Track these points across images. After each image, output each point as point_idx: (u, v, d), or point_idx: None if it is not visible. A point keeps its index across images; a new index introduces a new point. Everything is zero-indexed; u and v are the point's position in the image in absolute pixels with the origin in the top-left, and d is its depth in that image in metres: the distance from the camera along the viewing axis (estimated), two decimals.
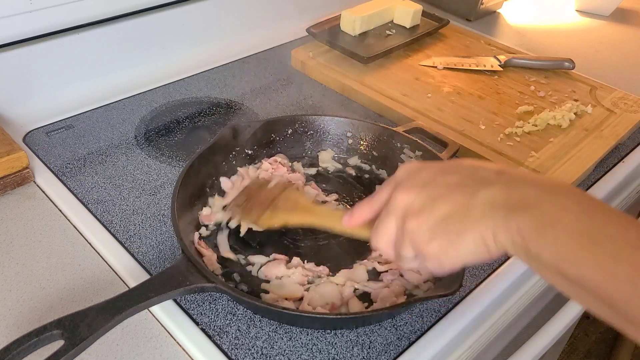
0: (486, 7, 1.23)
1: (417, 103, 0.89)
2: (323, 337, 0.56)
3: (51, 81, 0.85)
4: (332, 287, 0.59)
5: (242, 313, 0.57)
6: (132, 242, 0.64)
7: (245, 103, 0.90)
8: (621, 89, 0.96)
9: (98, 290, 0.59)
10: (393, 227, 0.46)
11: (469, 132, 0.83)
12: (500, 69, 0.99)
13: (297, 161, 0.76)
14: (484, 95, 0.92)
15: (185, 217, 0.63)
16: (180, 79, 0.95)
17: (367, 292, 0.59)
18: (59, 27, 0.83)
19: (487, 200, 0.41)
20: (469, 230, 0.41)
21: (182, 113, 0.87)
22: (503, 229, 0.39)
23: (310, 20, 1.08)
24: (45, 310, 0.56)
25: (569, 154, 0.80)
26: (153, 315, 0.57)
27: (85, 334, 0.47)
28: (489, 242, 0.40)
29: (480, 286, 0.63)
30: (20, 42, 0.80)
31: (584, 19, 1.29)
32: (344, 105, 0.92)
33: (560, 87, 0.96)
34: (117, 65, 0.91)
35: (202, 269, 0.54)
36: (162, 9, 0.93)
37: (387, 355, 0.54)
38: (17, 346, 0.45)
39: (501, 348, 0.76)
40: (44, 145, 0.78)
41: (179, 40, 0.98)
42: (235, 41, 1.05)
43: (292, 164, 0.75)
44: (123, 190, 0.71)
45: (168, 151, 0.79)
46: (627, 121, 0.87)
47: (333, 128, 0.77)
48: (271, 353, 0.54)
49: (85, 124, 0.83)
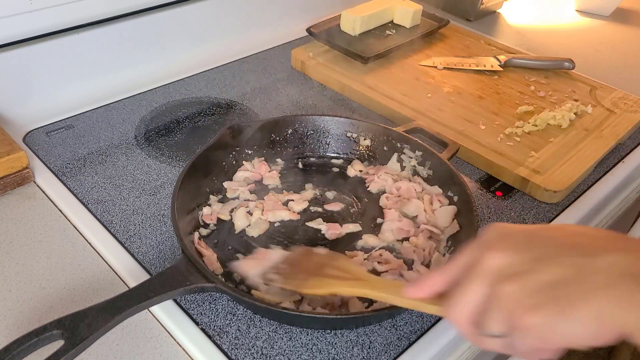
0: (486, 7, 1.23)
1: (417, 103, 0.89)
2: (323, 337, 0.56)
3: (51, 81, 0.85)
4: None
5: (242, 313, 0.57)
6: (132, 242, 0.64)
7: (245, 103, 0.90)
8: (621, 89, 0.96)
9: (98, 290, 0.59)
10: (479, 294, 0.37)
11: (469, 132, 0.83)
12: (500, 69, 0.99)
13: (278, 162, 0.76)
14: (484, 95, 0.92)
15: (185, 217, 0.63)
16: (180, 79, 0.95)
17: None
18: (59, 27, 0.83)
19: (612, 266, 0.33)
20: (588, 299, 0.33)
21: (182, 113, 0.87)
22: (631, 303, 0.32)
23: (310, 20, 1.08)
24: (45, 310, 0.56)
25: (569, 154, 0.80)
26: (153, 315, 0.57)
27: (85, 334, 0.47)
28: (604, 320, 0.33)
29: None
30: (20, 42, 0.80)
31: (584, 19, 1.29)
32: (344, 105, 0.92)
33: (560, 87, 0.96)
34: (117, 65, 0.91)
35: (202, 269, 0.54)
36: (162, 9, 0.93)
37: (387, 355, 0.54)
38: (17, 346, 0.45)
39: None
40: (44, 145, 0.78)
41: (179, 40, 0.98)
42: (235, 41, 1.05)
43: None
44: (123, 190, 0.71)
45: (168, 151, 0.79)
46: (627, 121, 0.87)
47: (333, 128, 0.77)
48: (271, 353, 0.54)
49: (85, 124, 0.83)
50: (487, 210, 0.73)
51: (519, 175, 0.75)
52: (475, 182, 0.77)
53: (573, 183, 0.75)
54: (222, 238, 0.65)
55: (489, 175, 0.78)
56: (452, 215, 0.67)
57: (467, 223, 0.63)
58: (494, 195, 0.75)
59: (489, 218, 0.71)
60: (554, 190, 0.73)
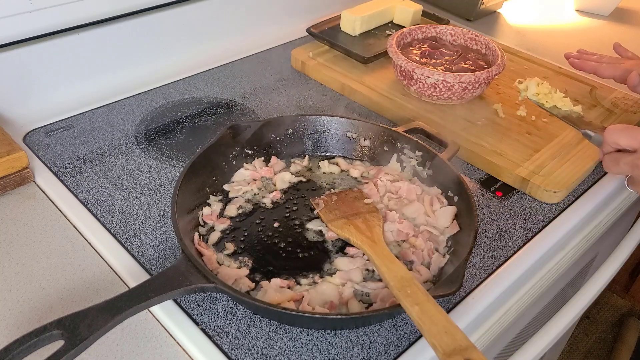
0: (486, 7, 1.23)
1: (417, 103, 0.89)
2: (323, 337, 0.56)
3: (51, 81, 0.85)
4: (331, 287, 0.59)
5: (242, 313, 0.57)
6: (132, 242, 0.64)
7: (245, 103, 0.90)
8: (621, 89, 0.96)
9: (98, 290, 0.59)
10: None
11: (469, 132, 0.83)
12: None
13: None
14: (484, 96, 0.92)
15: (185, 217, 0.63)
16: (180, 79, 0.95)
17: (366, 292, 0.59)
18: (59, 27, 0.83)
19: None
20: None
21: (182, 113, 0.87)
22: None
23: (310, 20, 1.08)
24: (45, 310, 0.56)
25: (569, 154, 0.80)
26: (153, 315, 0.57)
27: (85, 334, 0.47)
28: None
29: (480, 286, 0.63)
30: (20, 42, 0.80)
31: (583, 18, 1.29)
32: (344, 105, 0.92)
33: (560, 87, 0.95)
34: (117, 65, 0.91)
35: (202, 269, 0.54)
36: (162, 9, 0.93)
37: (387, 356, 0.54)
38: (17, 346, 0.45)
39: (501, 348, 0.76)
40: (44, 145, 0.78)
41: (179, 40, 0.98)
42: (235, 41, 1.05)
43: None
44: (123, 190, 0.71)
45: (168, 151, 0.79)
46: (627, 121, 0.87)
47: (333, 128, 0.77)
48: (271, 353, 0.54)
49: (85, 124, 0.83)
50: (487, 210, 0.73)
51: (519, 175, 0.75)
52: (475, 182, 0.77)
53: (573, 183, 0.75)
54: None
55: (489, 175, 0.78)
56: (452, 215, 0.67)
57: (467, 223, 0.63)
58: (494, 195, 0.75)
59: (489, 218, 0.71)
60: (554, 190, 0.73)
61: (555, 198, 0.74)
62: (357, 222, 0.65)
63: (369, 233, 0.63)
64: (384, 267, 0.57)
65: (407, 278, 0.55)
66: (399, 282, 0.54)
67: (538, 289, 0.69)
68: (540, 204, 0.74)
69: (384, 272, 0.57)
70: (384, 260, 0.58)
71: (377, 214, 0.66)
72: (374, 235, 0.62)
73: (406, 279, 0.54)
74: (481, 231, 0.69)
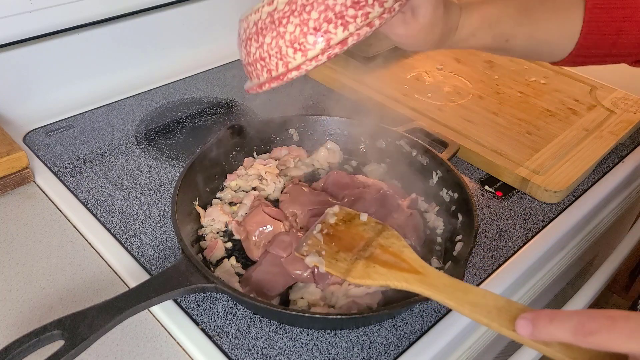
0: None
1: (417, 103, 0.89)
2: (323, 337, 0.56)
3: (51, 81, 0.85)
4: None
5: (242, 313, 0.57)
6: (132, 242, 0.64)
7: (245, 103, 0.90)
8: (621, 89, 0.96)
9: (98, 290, 0.59)
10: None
11: (469, 132, 0.83)
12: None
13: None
14: (484, 95, 0.92)
15: (185, 217, 0.63)
16: (180, 79, 0.95)
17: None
18: (59, 27, 0.83)
19: None
20: None
21: (182, 113, 0.87)
22: None
23: None
24: (45, 310, 0.56)
25: (569, 154, 0.80)
26: (153, 315, 0.57)
27: (85, 334, 0.47)
28: None
29: (481, 286, 0.63)
30: (20, 42, 0.80)
31: None
32: (344, 105, 0.92)
33: (560, 87, 0.96)
34: (117, 65, 0.91)
35: (202, 269, 0.54)
36: (162, 9, 0.93)
37: (387, 356, 0.54)
38: (17, 346, 0.45)
39: (501, 348, 0.76)
40: (44, 145, 0.78)
41: (179, 40, 0.98)
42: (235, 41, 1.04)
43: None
44: (123, 190, 0.71)
45: (168, 151, 0.79)
46: (627, 121, 0.87)
47: (333, 128, 0.77)
48: (271, 353, 0.54)
49: (85, 124, 0.83)
50: (487, 210, 0.73)
51: (519, 175, 0.75)
52: (475, 182, 0.77)
53: (573, 183, 0.75)
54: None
55: (489, 175, 0.78)
56: (451, 216, 0.67)
57: (467, 223, 0.63)
58: (494, 195, 0.75)
59: (489, 218, 0.71)
60: (554, 190, 0.73)
61: (555, 198, 0.74)
62: (376, 255, 0.45)
63: (405, 264, 0.45)
64: (466, 310, 0.40)
65: (499, 305, 0.39)
66: (497, 314, 0.39)
67: (538, 289, 0.69)
68: (540, 204, 0.74)
69: (468, 314, 0.40)
70: (455, 294, 0.41)
71: (389, 231, 0.49)
72: (411, 263, 0.45)
73: (499, 307, 0.39)
74: (481, 231, 0.69)
